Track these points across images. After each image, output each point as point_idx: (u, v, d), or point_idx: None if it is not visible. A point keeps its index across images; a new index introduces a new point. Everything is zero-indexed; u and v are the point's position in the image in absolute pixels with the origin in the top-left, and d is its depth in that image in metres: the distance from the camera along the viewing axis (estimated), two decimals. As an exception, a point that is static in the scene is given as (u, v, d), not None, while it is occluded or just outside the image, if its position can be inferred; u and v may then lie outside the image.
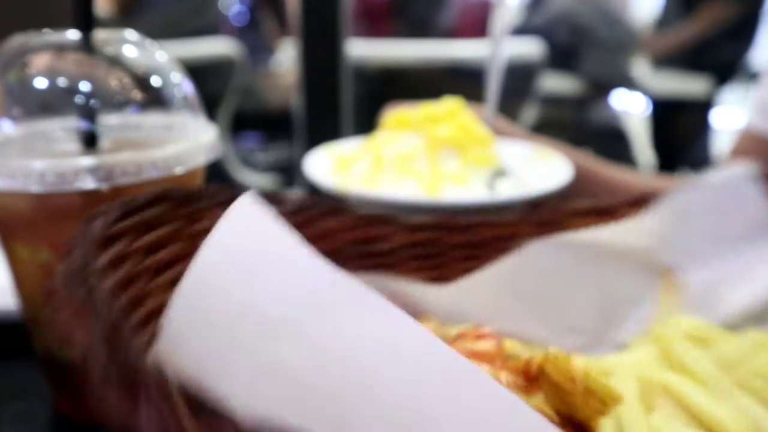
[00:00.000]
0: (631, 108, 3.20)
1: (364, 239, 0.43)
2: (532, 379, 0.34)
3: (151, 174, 0.38)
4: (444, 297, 0.44)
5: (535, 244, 0.43)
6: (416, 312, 0.43)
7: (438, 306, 0.44)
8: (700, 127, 2.91)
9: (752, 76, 2.66)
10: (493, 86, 0.73)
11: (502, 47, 0.72)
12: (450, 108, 0.68)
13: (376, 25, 2.13)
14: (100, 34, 0.41)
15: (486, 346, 0.36)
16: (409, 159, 0.62)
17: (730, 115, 2.82)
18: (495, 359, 0.35)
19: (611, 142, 2.45)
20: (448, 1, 2.15)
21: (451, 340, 0.37)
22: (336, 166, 0.65)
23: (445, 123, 0.66)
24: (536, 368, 0.33)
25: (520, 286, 0.44)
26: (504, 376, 0.33)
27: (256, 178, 2.12)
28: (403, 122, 0.67)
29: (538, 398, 0.32)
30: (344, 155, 0.66)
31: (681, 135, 2.98)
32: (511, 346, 0.37)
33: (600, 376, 0.30)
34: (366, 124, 0.91)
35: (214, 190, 0.36)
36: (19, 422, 0.43)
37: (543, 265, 0.43)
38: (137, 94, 0.42)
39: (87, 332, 0.20)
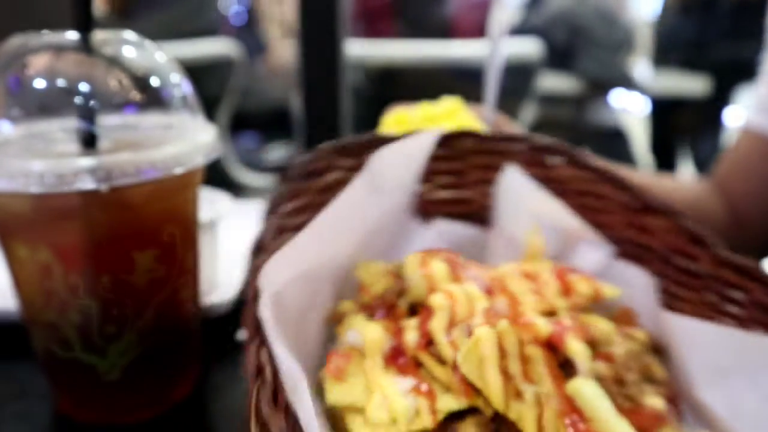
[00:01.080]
0: (629, 107, 3.20)
1: (676, 249, 0.43)
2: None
3: (150, 174, 0.38)
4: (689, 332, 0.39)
5: None
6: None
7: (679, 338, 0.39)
8: (700, 126, 2.91)
9: (754, 75, 2.65)
10: (491, 86, 0.73)
11: (500, 47, 0.71)
12: (449, 108, 0.68)
13: (376, 25, 2.13)
14: (99, 35, 0.41)
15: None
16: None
17: (736, 114, 2.81)
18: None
19: (609, 141, 2.46)
20: (448, 0, 2.15)
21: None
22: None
23: (445, 123, 0.66)
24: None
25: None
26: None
27: (256, 178, 2.12)
28: (402, 122, 0.67)
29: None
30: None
31: (680, 134, 2.98)
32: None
33: None
34: (365, 123, 0.91)
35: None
36: (19, 422, 0.43)
37: None
38: (136, 95, 0.42)
39: None
